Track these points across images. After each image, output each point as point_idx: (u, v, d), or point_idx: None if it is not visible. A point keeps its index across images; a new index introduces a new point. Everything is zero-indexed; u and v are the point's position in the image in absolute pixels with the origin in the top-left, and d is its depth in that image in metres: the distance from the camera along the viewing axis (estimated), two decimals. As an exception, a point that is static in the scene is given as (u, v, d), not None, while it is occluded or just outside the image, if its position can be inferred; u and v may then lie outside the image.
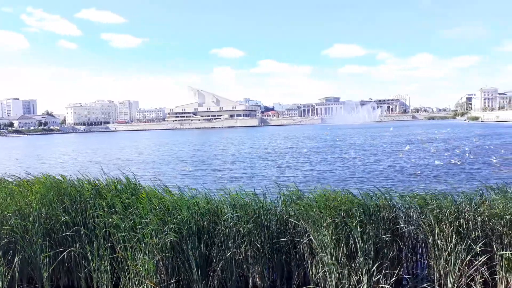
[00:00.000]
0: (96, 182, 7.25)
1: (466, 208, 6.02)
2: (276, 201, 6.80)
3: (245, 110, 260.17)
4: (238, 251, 6.31)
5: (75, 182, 7.31)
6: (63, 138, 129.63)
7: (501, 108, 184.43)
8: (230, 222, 6.27)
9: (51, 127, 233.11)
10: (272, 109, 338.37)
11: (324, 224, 5.83)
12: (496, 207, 5.98)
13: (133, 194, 6.75)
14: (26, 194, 7.03)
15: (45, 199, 6.70)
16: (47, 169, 28.31)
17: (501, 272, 5.77)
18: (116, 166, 31.87)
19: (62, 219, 6.49)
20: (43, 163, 37.54)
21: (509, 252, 5.67)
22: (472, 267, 5.81)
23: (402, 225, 6.34)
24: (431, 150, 34.43)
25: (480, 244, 5.74)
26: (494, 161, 24.22)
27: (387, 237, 5.92)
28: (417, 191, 6.78)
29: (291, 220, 6.39)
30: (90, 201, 6.63)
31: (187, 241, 6.07)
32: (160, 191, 6.98)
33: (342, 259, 5.74)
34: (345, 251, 5.77)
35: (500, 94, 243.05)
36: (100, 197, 6.68)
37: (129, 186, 7.10)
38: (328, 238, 5.78)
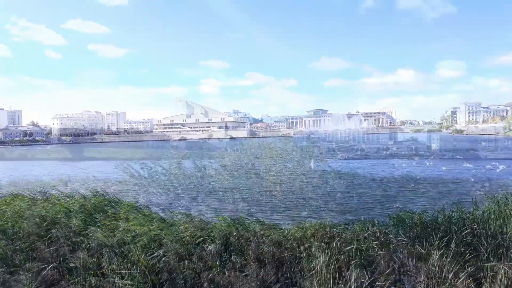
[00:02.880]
0: (83, 197, 7.15)
1: (454, 217, 6.11)
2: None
3: (234, 121, 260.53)
4: (226, 266, 6.26)
5: (63, 197, 7.19)
6: (48, 149, 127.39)
7: (485, 121, 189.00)
8: (219, 240, 6.24)
9: (37, 138, 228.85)
10: (261, 121, 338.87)
11: (317, 236, 5.85)
12: (488, 215, 6.09)
13: (122, 212, 6.67)
14: (7, 209, 6.89)
15: (25, 214, 6.57)
16: (30, 183, 27.76)
17: (486, 284, 5.83)
18: (101, 179, 31.44)
19: (44, 234, 6.36)
20: (26, 176, 36.77)
21: (494, 263, 5.74)
22: (459, 279, 5.85)
23: (391, 239, 6.38)
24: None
25: (467, 255, 5.82)
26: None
27: (378, 251, 5.95)
28: (402, 204, 6.86)
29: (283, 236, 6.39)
30: (70, 218, 6.52)
31: (175, 258, 6.00)
32: (144, 209, 6.92)
33: (332, 273, 5.73)
34: (335, 265, 5.77)
35: (484, 108, 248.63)
36: (84, 214, 6.58)
37: (111, 203, 7.00)
38: (319, 253, 5.78)
